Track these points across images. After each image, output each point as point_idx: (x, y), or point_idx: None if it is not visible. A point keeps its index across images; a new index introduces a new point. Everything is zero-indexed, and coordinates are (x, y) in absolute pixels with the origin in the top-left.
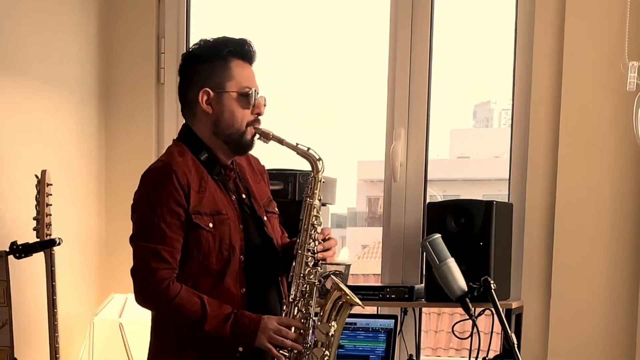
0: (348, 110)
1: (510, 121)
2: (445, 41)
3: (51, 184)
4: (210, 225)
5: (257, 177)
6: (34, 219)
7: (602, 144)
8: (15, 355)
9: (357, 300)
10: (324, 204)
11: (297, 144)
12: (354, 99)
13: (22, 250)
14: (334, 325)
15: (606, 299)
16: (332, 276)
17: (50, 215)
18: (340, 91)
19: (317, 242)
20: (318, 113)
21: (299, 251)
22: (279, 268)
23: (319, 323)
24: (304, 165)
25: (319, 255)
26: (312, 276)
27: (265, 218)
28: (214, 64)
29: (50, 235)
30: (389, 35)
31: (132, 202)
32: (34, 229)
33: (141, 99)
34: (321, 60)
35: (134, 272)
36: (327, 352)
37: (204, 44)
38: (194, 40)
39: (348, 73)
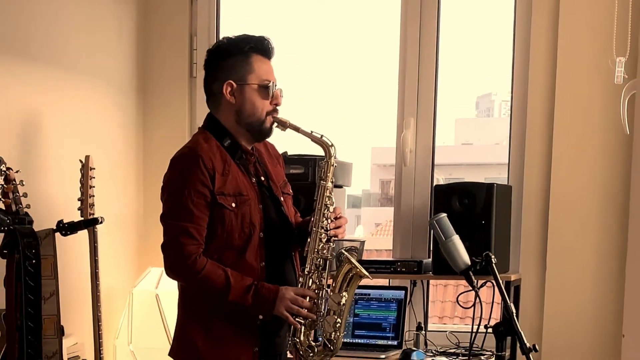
0: (363, 102)
1: (509, 111)
2: (450, 38)
3: (94, 168)
4: (233, 205)
5: (274, 161)
6: (79, 199)
7: (593, 132)
8: (61, 324)
9: (365, 272)
10: (340, 186)
11: (311, 132)
12: (368, 91)
13: (67, 228)
14: (345, 295)
15: (596, 271)
16: (344, 251)
17: (93, 196)
18: (355, 85)
19: (329, 221)
20: (336, 105)
21: (314, 228)
22: (294, 244)
23: (331, 293)
24: (320, 152)
25: (332, 232)
26: (325, 251)
27: (282, 198)
28: (236, 59)
29: (93, 214)
30: (399, 33)
31: (162, 184)
32: (78, 209)
33: (175, 91)
34: (337, 56)
35: (165, 248)
36: (338, 320)
37: (228, 41)
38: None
39: (362, 68)
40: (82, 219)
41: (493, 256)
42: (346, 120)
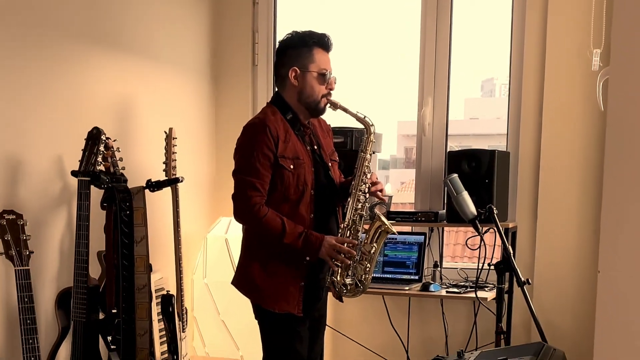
0: (391, 85)
1: (507, 92)
2: (461, 32)
3: (176, 138)
4: (291, 166)
5: (325, 134)
6: (163, 163)
7: (574, 107)
8: (149, 262)
9: (393, 229)
10: (373, 152)
11: (357, 112)
12: (395, 76)
13: (154, 186)
14: (374, 246)
15: (577, 219)
16: (377, 207)
17: (175, 160)
18: (386, 71)
19: (366, 185)
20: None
21: (353, 191)
22: (337, 201)
23: (364, 243)
24: (358, 125)
25: (373, 188)
26: (361, 209)
27: (329, 164)
28: (302, 50)
29: (175, 174)
30: (420, 29)
31: (234, 147)
32: (163, 170)
33: (240, 76)
34: (373, 49)
35: (234, 198)
36: (368, 265)
37: (295, 35)
38: (280, 33)
39: (391, 58)
40: (166, 178)
41: (494, 208)
42: (378, 99)
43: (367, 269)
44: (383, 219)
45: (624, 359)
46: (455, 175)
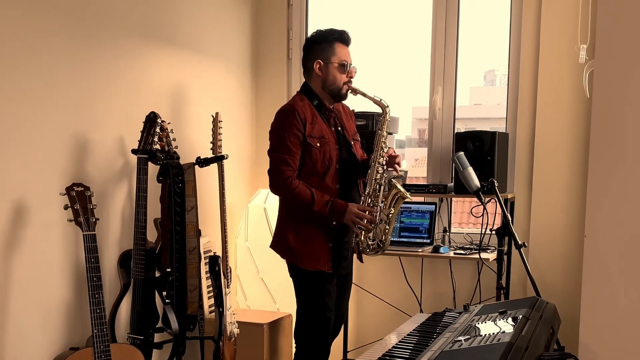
0: (406, 74)
1: (507, 82)
2: (466, 29)
3: (221, 121)
4: (318, 144)
5: (348, 117)
6: (211, 142)
7: (564, 95)
8: (199, 228)
9: (407, 195)
10: (391, 133)
11: (374, 96)
12: (410, 67)
13: (203, 162)
14: (392, 211)
15: (566, 190)
16: (394, 179)
17: (221, 140)
18: (402, 62)
19: (384, 159)
20: (388, 76)
21: (372, 163)
22: (359, 173)
23: (383, 209)
24: (378, 110)
25: (391, 160)
26: (380, 179)
27: (352, 143)
28: (324, 45)
29: (220, 152)
30: (431, 27)
31: (269, 129)
32: (210, 149)
33: (277, 68)
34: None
35: (270, 173)
36: (387, 227)
37: (319, 32)
38: (311, 30)
39: (407, 51)
40: (213, 155)
41: (495, 181)
42: (395, 88)
43: (387, 230)
44: (399, 186)
45: (606, 309)
46: (462, 153)
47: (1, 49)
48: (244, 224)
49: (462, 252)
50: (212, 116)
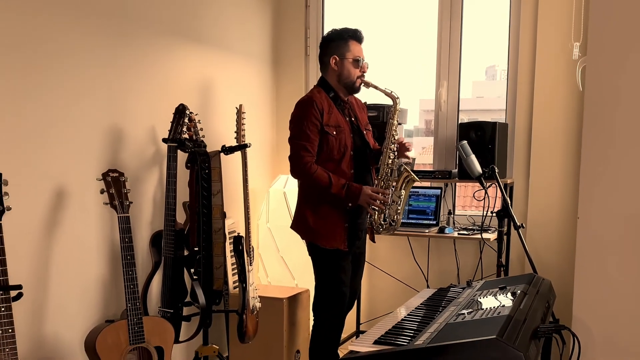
0: (414, 69)
1: (506, 76)
2: (469, 27)
3: (245, 112)
4: (334, 133)
5: (360, 109)
6: (235, 132)
7: (559, 88)
8: (224, 210)
9: (417, 178)
10: (400, 124)
11: (385, 88)
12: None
13: (228, 150)
14: (403, 193)
15: (561, 176)
16: (404, 165)
17: (244, 130)
18: (410, 58)
19: (395, 146)
20: (397, 71)
21: (384, 150)
22: (372, 160)
23: (394, 191)
24: (389, 102)
25: (402, 146)
26: (391, 164)
27: (365, 132)
28: (339, 42)
29: (244, 141)
30: (437, 25)
31: (289, 119)
32: (234, 138)
33: (295, 64)
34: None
35: (290, 158)
36: (399, 208)
37: (334, 31)
38: (327, 29)
39: (414, 47)
40: (237, 144)
41: (496, 168)
42: (404, 81)
43: (398, 211)
44: (409, 170)
45: (598, 285)
46: (465, 141)
47: (49, 49)
48: (265, 206)
49: (465, 232)
50: (236, 108)
